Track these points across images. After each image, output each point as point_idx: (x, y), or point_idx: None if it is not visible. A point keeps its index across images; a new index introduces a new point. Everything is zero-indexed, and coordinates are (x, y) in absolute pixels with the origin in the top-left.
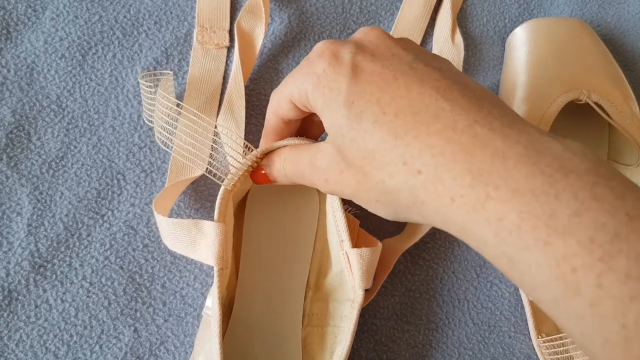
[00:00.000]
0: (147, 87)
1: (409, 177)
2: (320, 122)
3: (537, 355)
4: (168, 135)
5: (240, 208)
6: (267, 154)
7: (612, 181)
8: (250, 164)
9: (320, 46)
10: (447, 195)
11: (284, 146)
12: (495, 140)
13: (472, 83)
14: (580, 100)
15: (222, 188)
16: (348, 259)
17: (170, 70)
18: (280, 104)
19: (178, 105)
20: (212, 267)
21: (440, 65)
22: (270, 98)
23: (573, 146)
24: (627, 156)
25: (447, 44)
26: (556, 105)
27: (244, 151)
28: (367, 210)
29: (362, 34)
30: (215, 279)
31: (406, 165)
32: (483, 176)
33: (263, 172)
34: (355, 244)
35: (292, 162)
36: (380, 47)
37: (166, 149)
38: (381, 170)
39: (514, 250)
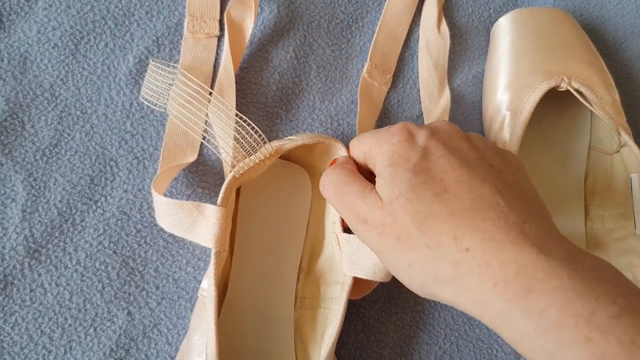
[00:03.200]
0: (156, 69)
1: (455, 251)
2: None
3: None
4: (182, 110)
5: (235, 194)
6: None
7: None
8: (262, 158)
9: (401, 124)
10: (490, 279)
11: (335, 161)
12: (539, 240)
13: (530, 188)
14: (562, 88)
15: (230, 174)
16: (338, 241)
17: (162, 59)
18: (354, 151)
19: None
20: (205, 251)
21: (502, 167)
22: (357, 140)
23: (604, 262)
24: (607, 143)
25: (433, 33)
26: (538, 92)
27: (255, 139)
28: None
29: (440, 123)
30: (213, 261)
31: (456, 240)
32: (528, 269)
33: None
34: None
35: (334, 187)
36: (452, 138)
37: (188, 129)
38: (428, 236)
39: (553, 345)
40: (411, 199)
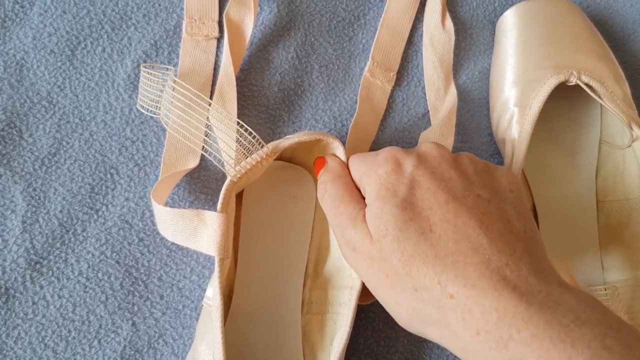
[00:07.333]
0: (148, 75)
1: (441, 296)
2: None
3: None
4: (175, 119)
5: (237, 199)
6: (319, 159)
7: (620, 332)
8: (259, 159)
9: (387, 151)
10: (473, 327)
11: (333, 159)
12: (521, 283)
13: (516, 219)
14: (571, 82)
15: (228, 179)
16: None
17: (161, 63)
18: (351, 169)
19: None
20: (209, 259)
21: (490, 196)
22: (350, 161)
23: (586, 298)
24: (618, 137)
25: (437, 29)
26: (547, 87)
27: (250, 141)
28: None
29: (428, 148)
30: (216, 269)
31: (440, 285)
32: (507, 317)
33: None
34: None
35: (332, 202)
36: (441, 166)
37: (177, 135)
38: (414, 278)
39: None
40: (398, 238)
